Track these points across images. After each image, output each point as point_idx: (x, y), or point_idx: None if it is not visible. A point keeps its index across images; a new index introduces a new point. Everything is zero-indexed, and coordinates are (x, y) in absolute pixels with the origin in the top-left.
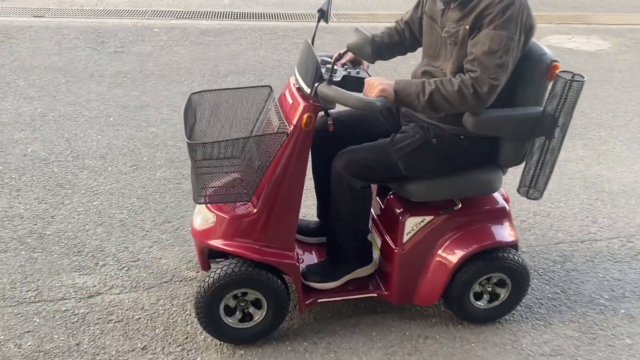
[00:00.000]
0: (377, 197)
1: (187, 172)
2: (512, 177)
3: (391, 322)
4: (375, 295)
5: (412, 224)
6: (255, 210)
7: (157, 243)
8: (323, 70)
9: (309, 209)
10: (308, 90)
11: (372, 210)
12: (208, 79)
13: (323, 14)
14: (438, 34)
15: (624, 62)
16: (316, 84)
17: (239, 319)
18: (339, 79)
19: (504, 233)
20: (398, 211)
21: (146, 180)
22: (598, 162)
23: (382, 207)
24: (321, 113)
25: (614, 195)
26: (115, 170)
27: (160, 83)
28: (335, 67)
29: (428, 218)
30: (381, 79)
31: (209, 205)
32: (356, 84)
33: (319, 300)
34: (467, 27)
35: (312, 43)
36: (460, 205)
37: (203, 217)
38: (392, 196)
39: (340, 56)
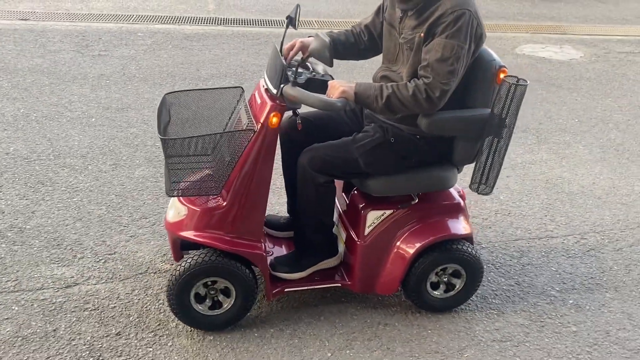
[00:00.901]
0: (343, 194)
1: None
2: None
3: (354, 310)
4: (339, 285)
5: (373, 218)
6: (225, 204)
7: (134, 237)
8: (289, 73)
9: (281, 206)
10: (275, 91)
11: (338, 205)
12: (189, 82)
13: (291, 21)
14: (396, 40)
15: (593, 70)
16: (282, 85)
17: (209, 306)
18: (303, 81)
19: (459, 226)
20: (360, 206)
21: (125, 178)
22: (560, 165)
23: (347, 202)
24: (290, 113)
25: (573, 196)
26: (96, 168)
27: (142, 85)
28: (300, 70)
29: (388, 212)
30: (343, 82)
31: (181, 198)
32: (320, 86)
33: (286, 290)
34: (422, 34)
35: (281, 48)
36: (417, 200)
37: (176, 210)
38: (355, 192)
39: (304, 60)
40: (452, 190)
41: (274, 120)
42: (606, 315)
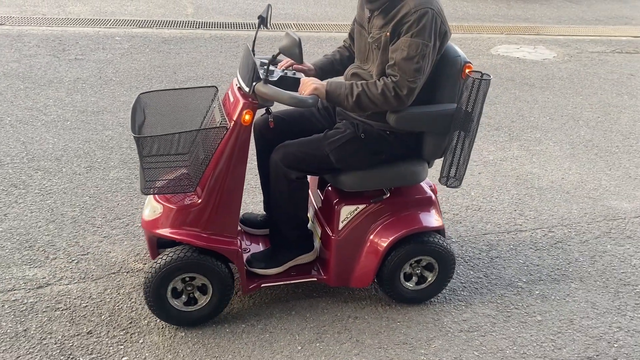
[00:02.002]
0: (318, 190)
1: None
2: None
3: (325, 305)
4: (315, 279)
5: (347, 212)
6: (200, 201)
7: (107, 238)
8: (261, 71)
9: (255, 205)
10: (247, 89)
11: (313, 202)
12: (166, 85)
13: (263, 20)
14: (366, 40)
15: (565, 70)
16: (254, 83)
17: (185, 302)
18: (276, 79)
19: (431, 219)
20: (334, 201)
21: (99, 180)
22: (531, 161)
23: (322, 198)
24: (263, 111)
25: (542, 191)
26: (70, 171)
27: (118, 89)
28: (272, 68)
29: (361, 206)
30: (315, 79)
31: (157, 197)
32: (293, 84)
33: (262, 285)
34: (388, 33)
35: (253, 47)
36: (388, 195)
37: (152, 208)
38: (329, 188)
39: (274, 58)
40: (423, 184)
41: (247, 117)
42: (571, 305)
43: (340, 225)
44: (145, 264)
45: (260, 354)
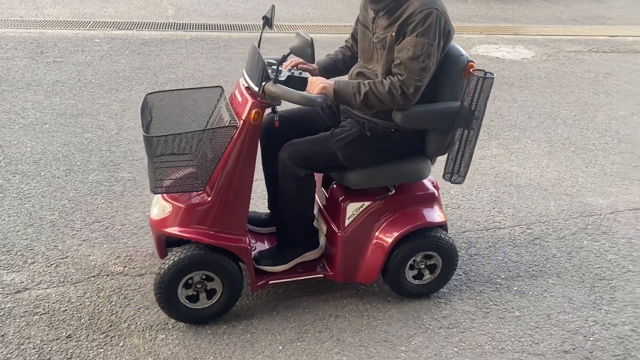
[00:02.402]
0: (322, 188)
1: (119, 175)
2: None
3: (306, 304)
4: (321, 276)
5: (353, 209)
6: (209, 199)
7: (87, 241)
8: (270, 71)
9: (260, 204)
10: (256, 89)
11: (318, 200)
12: (146, 87)
13: (268, 21)
14: (370, 40)
15: (544, 69)
16: (264, 83)
17: (196, 300)
18: (284, 78)
19: (434, 214)
20: (340, 198)
21: (79, 183)
22: (509, 160)
23: (327, 196)
24: (269, 110)
25: (521, 189)
26: (49, 174)
27: (97, 91)
28: (280, 68)
29: (367, 203)
30: (322, 78)
31: (165, 196)
32: (299, 83)
33: (270, 282)
34: (394, 33)
35: (259, 47)
36: (393, 191)
37: (160, 207)
38: (334, 186)
39: (285, 58)
40: (425, 181)
41: (256, 116)
42: (548, 300)
43: (347, 222)
44: (125, 266)
45: (241, 355)
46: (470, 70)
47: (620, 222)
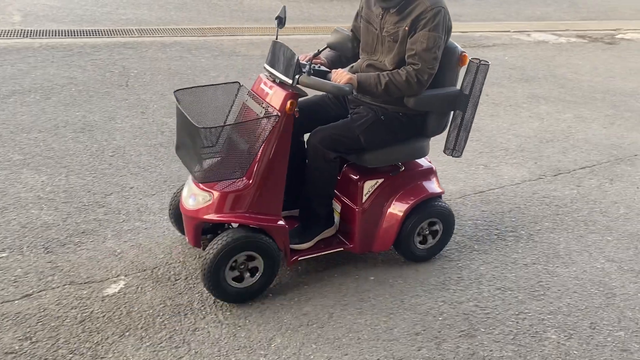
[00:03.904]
0: None
1: None
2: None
3: (161, 320)
4: (342, 249)
5: (369, 186)
6: (251, 183)
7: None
8: (305, 65)
9: None
10: (290, 81)
11: None
12: None
13: (281, 21)
14: (374, 34)
15: None
16: (297, 76)
17: (241, 280)
18: (311, 72)
19: (434, 186)
20: (356, 177)
21: None
22: None
23: (339, 178)
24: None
25: None
26: None
27: None
28: (305, 62)
29: (380, 180)
30: (345, 71)
31: (201, 185)
32: (321, 75)
33: (300, 258)
34: (407, 28)
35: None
36: (403, 168)
37: (195, 197)
38: (346, 168)
39: (319, 52)
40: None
41: (291, 106)
42: (401, 285)
43: (364, 198)
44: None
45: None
46: (470, 58)
47: (467, 205)
